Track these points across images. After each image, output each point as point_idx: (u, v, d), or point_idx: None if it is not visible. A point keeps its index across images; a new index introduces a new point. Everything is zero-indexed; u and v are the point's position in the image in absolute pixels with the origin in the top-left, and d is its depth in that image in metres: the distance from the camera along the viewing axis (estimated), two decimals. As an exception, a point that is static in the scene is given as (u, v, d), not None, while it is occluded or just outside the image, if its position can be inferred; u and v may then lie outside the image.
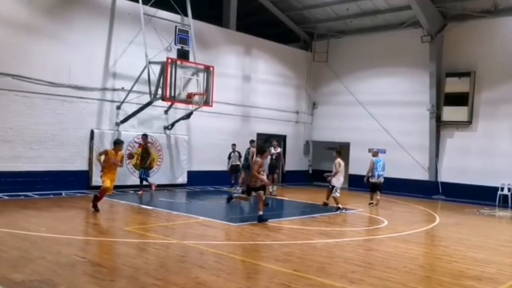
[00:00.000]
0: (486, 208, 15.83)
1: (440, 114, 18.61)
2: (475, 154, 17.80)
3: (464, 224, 12.64)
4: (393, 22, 20.00)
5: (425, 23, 18.01)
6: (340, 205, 13.21)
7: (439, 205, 16.99)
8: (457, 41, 18.37)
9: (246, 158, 16.80)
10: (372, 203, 14.78)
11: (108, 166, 11.13)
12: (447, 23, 18.53)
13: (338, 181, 13.46)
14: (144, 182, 15.12)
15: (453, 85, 18.24)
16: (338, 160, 13.55)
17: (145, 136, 15.31)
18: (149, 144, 15.43)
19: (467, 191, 17.51)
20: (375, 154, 15.52)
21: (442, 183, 18.69)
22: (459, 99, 18.09)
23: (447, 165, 18.67)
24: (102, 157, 11.16)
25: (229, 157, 18.18)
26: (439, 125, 18.80)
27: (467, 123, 18.16)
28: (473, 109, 18.08)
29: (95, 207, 11.19)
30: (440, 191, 18.65)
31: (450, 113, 18.37)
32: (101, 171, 11.34)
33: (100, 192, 11.40)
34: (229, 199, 12.17)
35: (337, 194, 13.34)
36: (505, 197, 16.91)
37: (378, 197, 14.84)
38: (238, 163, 17.73)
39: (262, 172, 11.18)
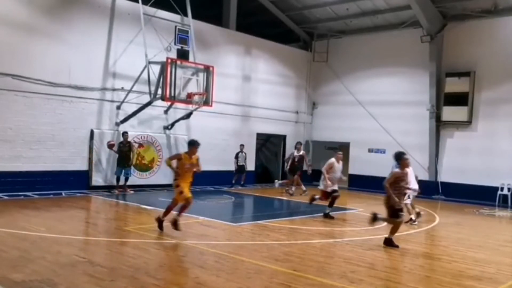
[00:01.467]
0: (486, 208, 15.83)
1: (440, 114, 18.61)
2: (475, 154, 17.80)
3: (464, 224, 12.64)
4: (393, 22, 20.00)
5: (425, 23, 18.00)
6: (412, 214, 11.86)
7: (439, 205, 16.99)
8: (457, 41, 18.37)
9: (292, 161, 17.23)
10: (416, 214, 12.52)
11: (183, 172, 9.23)
12: (447, 23, 18.53)
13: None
14: (121, 182, 15.10)
15: (453, 85, 18.24)
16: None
17: (126, 133, 15.24)
18: (132, 142, 15.46)
19: (467, 191, 17.51)
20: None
21: (442, 183, 18.69)
22: (459, 99, 18.09)
23: (447, 165, 18.67)
24: (174, 162, 9.30)
25: (236, 157, 18.40)
26: (439, 125, 18.80)
27: (467, 123, 18.16)
28: (473, 109, 18.08)
29: (175, 224, 9.00)
30: (440, 191, 18.64)
31: (450, 113, 18.37)
32: (175, 179, 9.35)
33: (172, 203, 9.41)
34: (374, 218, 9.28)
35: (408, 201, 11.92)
36: (505, 197, 16.91)
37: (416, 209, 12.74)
38: (244, 163, 18.58)
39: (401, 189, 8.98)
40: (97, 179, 15.17)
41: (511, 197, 16.82)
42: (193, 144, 9.37)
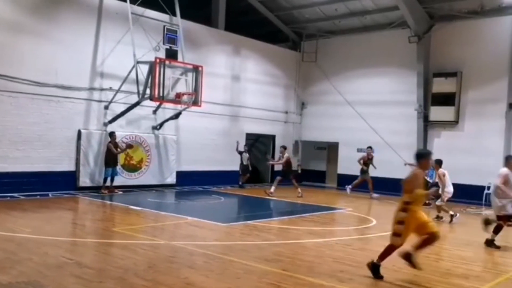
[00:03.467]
0: (473, 207, 16.01)
1: (428, 114, 18.75)
2: (462, 153, 17.96)
3: (452, 223, 12.75)
4: (381, 22, 20.11)
5: (412, 24, 18.14)
6: (439, 214, 12.46)
7: (427, 204, 17.09)
8: (444, 42, 18.54)
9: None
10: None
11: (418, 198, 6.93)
12: (434, 24, 18.69)
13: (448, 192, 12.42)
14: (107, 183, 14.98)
15: (440, 85, 18.40)
16: (441, 171, 12.50)
17: (113, 133, 15.14)
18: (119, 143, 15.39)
19: (454, 190, 17.62)
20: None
21: (429, 182, 18.79)
22: (446, 99, 18.25)
23: (435, 165, 18.79)
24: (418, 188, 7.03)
25: (241, 157, 18.85)
26: (426, 125, 18.95)
27: (454, 123, 18.33)
28: (460, 109, 18.25)
29: (409, 259, 6.70)
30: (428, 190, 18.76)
31: (437, 113, 18.52)
32: (405, 208, 6.90)
33: (397, 242, 6.77)
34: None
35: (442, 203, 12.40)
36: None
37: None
38: (248, 163, 18.98)
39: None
40: (84, 180, 15.04)
41: (498, 196, 16.97)
42: (424, 156, 7.31)
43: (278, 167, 19.56)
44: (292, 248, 8.53)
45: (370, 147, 18.54)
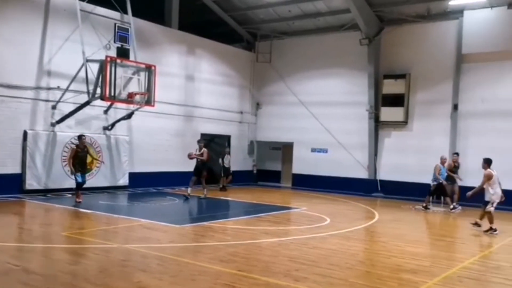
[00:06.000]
0: (422, 204, 16.55)
1: (378, 115, 19.29)
2: (411, 152, 18.60)
3: (402, 220, 13.16)
4: (333, 24, 20.50)
5: (363, 26, 18.60)
6: (492, 225, 10.93)
7: (378, 202, 17.60)
8: (394, 44, 19.14)
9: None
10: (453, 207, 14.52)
11: None
12: (384, 27, 19.26)
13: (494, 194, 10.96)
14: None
15: (390, 87, 18.98)
16: (488, 171, 11.03)
17: (83, 137, 14.04)
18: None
19: (404, 188, 18.24)
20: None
21: (381, 181, 19.38)
22: (396, 100, 18.83)
23: (385, 164, 19.38)
24: None
25: (222, 159, 18.72)
26: (377, 125, 19.49)
27: (403, 123, 18.95)
28: (409, 109, 18.89)
29: None
30: (379, 188, 19.33)
31: (388, 113, 19.08)
32: None
33: None
34: None
35: (491, 209, 10.88)
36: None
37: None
38: (229, 165, 19.03)
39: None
40: (31, 183, 14.43)
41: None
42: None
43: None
44: (248, 248, 8.53)
45: (456, 153, 16.56)
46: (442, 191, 15.22)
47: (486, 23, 16.86)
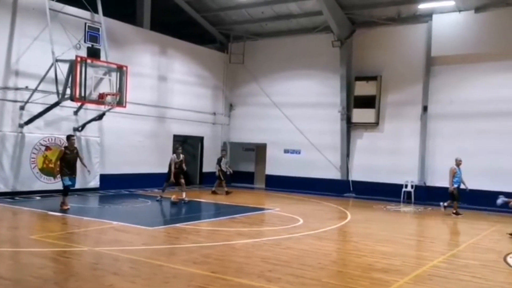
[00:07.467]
0: (392, 204, 16.88)
1: (350, 116, 19.55)
2: (382, 153, 18.92)
3: (373, 220, 13.36)
4: (306, 26, 20.66)
5: (335, 29, 18.81)
6: None
7: (350, 202, 17.82)
8: (365, 47, 19.42)
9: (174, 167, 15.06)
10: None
11: None
12: (355, 29, 19.53)
13: None
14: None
15: (362, 88, 19.26)
16: None
17: (72, 137, 13.13)
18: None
19: (375, 189, 18.54)
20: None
21: (353, 181, 19.64)
22: (367, 102, 19.13)
23: (357, 164, 19.65)
24: None
25: (219, 163, 18.49)
26: (349, 126, 19.74)
27: (375, 124, 19.26)
28: (380, 111, 19.21)
29: None
30: (351, 189, 19.58)
31: (359, 114, 19.35)
32: None
33: None
34: None
35: None
36: (409, 193, 18.12)
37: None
38: (226, 169, 18.95)
39: None
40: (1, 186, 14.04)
41: (414, 193, 18.05)
42: None
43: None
44: (221, 249, 8.51)
45: (178, 147, 15.73)
46: (452, 194, 14.46)
47: (455, 27, 17.29)
